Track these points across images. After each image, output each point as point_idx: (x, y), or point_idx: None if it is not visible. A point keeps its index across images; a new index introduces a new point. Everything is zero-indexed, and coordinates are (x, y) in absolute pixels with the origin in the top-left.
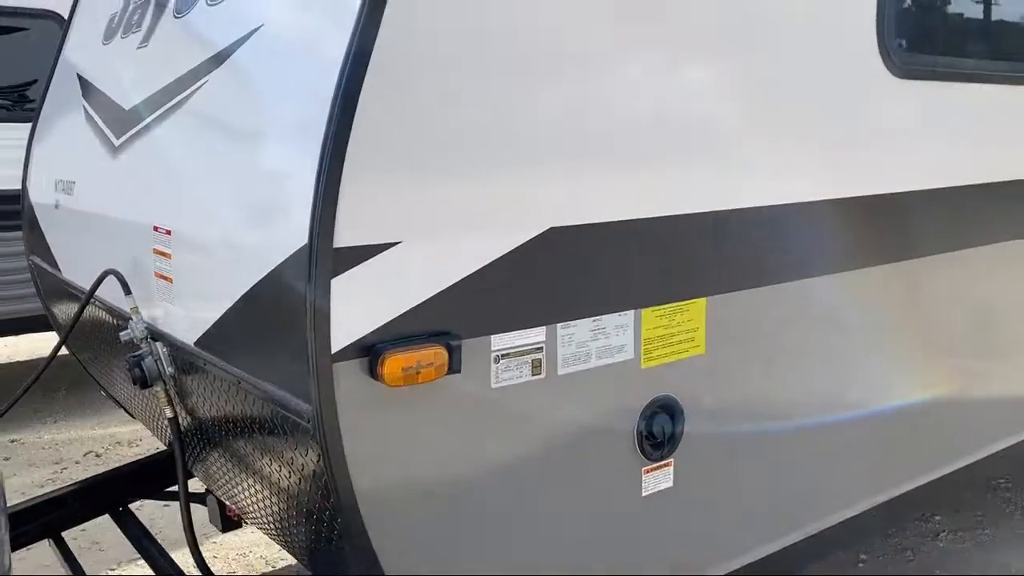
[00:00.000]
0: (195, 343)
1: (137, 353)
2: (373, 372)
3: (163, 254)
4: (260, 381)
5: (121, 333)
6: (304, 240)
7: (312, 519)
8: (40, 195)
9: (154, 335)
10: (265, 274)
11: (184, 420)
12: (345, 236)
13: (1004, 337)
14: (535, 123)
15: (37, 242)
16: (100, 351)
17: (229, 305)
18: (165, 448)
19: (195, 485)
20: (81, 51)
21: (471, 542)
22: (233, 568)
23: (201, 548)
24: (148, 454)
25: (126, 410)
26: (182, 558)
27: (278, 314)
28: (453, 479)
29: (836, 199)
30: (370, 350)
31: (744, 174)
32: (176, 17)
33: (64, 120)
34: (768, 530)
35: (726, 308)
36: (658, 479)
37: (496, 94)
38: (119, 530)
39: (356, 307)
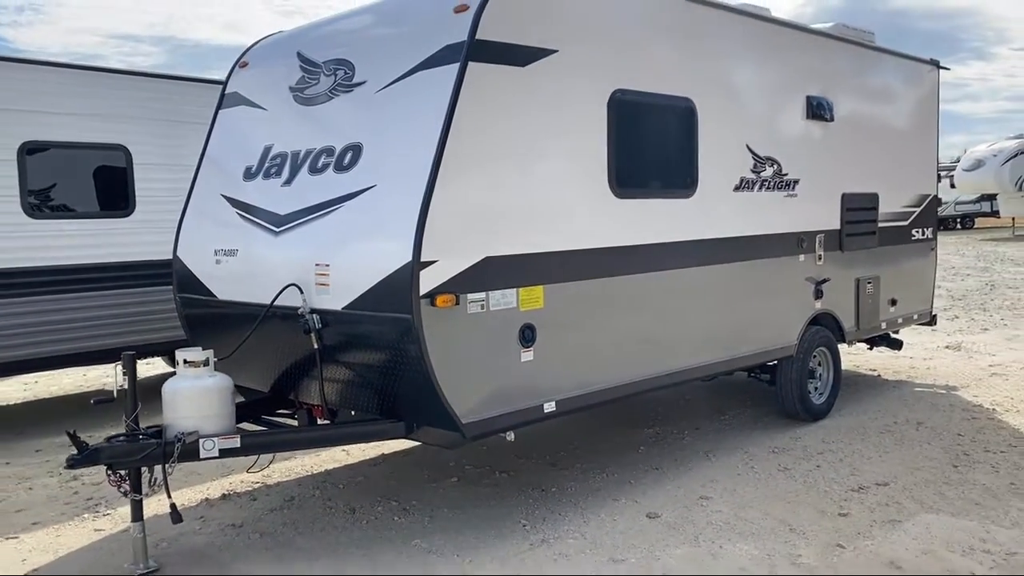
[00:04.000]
0: (343, 308)
1: (304, 319)
2: (432, 302)
3: (323, 274)
4: (384, 312)
5: (299, 309)
6: (410, 258)
7: (406, 372)
8: (194, 257)
9: (312, 311)
10: (391, 272)
11: (320, 349)
12: (424, 256)
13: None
14: (481, 216)
15: (188, 283)
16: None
17: (367, 288)
18: (267, 393)
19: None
20: (223, 183)
21: (468, 363)
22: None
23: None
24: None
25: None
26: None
27: (396, 286)
28: (458, 343)
29: (585, 249)
30: (431, 295)
31: (547, 237)
32: (311, 175)
33: (215, 219)
34: (579, 384)
35: (552, 289)
36: (527, 355)
37: (465, 209)
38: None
39: (426, 280)
